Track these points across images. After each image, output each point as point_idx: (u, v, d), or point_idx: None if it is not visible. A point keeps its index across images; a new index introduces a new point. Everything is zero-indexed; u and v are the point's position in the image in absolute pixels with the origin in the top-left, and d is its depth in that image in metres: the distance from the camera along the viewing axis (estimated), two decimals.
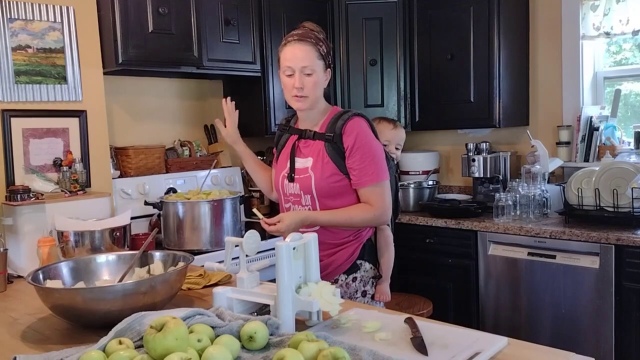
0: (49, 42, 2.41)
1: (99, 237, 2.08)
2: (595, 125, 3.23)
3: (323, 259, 1.84)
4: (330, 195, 1.87)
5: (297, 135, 1.95)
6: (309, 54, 1.84)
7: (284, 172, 1.96)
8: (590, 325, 2.63)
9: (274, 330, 1.23)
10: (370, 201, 1.86)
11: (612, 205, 2.72)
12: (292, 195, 1.93)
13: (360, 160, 1.84)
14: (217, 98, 3.44)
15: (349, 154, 1.85)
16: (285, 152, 1.99)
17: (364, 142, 1.85)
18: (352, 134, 1.84)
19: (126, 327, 1.21)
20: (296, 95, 1.86)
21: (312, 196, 1.88)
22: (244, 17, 3.06)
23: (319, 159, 1.88)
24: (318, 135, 1.90)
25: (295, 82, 1.84)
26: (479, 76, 3.28)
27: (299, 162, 1.92)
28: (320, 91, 1.90)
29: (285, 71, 1.86)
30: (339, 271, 1.94)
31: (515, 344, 1.19)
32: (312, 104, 1.89)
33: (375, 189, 1.86)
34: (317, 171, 1.87)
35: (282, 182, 1.96)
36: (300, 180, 1.90)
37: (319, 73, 1.86)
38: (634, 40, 3.25)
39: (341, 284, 1.94)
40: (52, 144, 2.44)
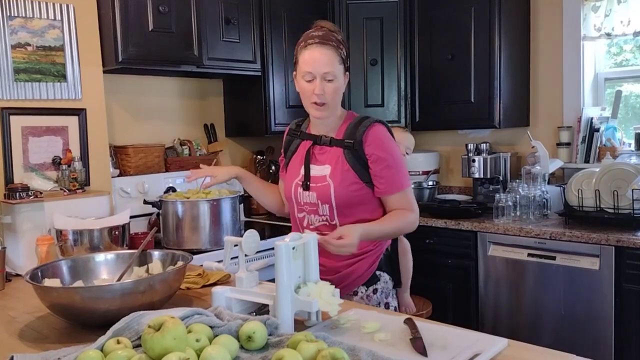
0: (48, 40, 2.40)
1: (98, 236, 2.07)
2: (596, 127, 3.22)
3: (341, 270, 1.81)
4: (349, 205, 1.77)
5: (310, 141, 1.85)
6: (331, 59, 1.73)
7: (297, 180, 1.84)
8: (590, 326, 2.63)
9: (272, 330, 1.23)
10: (403, 206, 1.79)
11: (612, 207, 2.71)
12: (308, 205, 1.82)
13: (388, 167, 1.75)
14: (217, 97, 3.43)
15: (373, 161, 1.76)
16: (297, 159, 1.88)
17: (389, 150, 1.78)
18: (375, 142, 1.76)
19: (124, 326, 1.21)
20: (315, 102, 1.75)
21: (331, 206, 1.77)
22: (245, 16, 3.06)
23: (337, 166, 1.77)
24: (336, 142, 1.80)
25: (316, 89, 1.72)
26: (479, 76, 3.28)
27: (314, 169, 1.81)
28: (340, 97, 1.80)
29: (304, 76, 1.74)
30: (358, 283, 1.83)
31: (515, 345, 1.18)
32: (332, 111, 1.80)
33: (405, 195, 1.79)
34: (337, 179, 1.76)
35: (296, 191, 1.84)
36: (317, 189, 1.79)
37: (339, 78, 1.76)
38: (635, 41, 3.25)
39: (361, 297, 1.83)
40: (51, 142, 2.43)
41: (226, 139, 3.47)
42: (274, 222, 3.27)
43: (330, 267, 1.79)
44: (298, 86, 1.80)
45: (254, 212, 3.47)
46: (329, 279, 1.71)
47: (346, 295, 1.80)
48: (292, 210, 1.90)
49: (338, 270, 1.81)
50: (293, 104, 3.33)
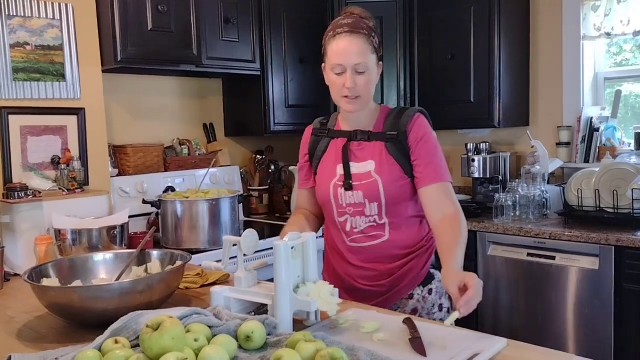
0: (47, 40, 2.40)
1: (97, 236, 2.07)
2: (596, 126, 3.22)
3: (395, 272, 1.67)
4: (398, 201, 1.65)
5: (343, 139, 1.72)
6: (362, 49, 1.59)
7: (334, 181, 1.69)
8: (590, 326, 2.62)
9: (271, 330, 1.23)
10: (445, 202, 1.61)
11: (612, 207, 2.71)
12: (352, 206, 1.67)
13: (430, 156, 1.64)
14: (216, 97, 3.43)
15: (416, 147, 1.64)
16: (330, 159, 1.74)
17: (432, 140, 1.67)
18: (419, 132, 1.65)
19: (122, 326, 1.20)
20: (347, 96, 1.62)
21: (380, 204, 1.64)
22: (244, 16, 3.05)
23: (382, 161, 1.65)
24: (376, 136, 1.68)
25: (347, 82, 1.60)
26: (479, 76, 3.27)
27: (355, 166, 1.67)
28: (373, 90, 1.68)
29: (334, 69, 1.62)
30: (414, 284, 1.69)
31: (514, 345, 1.18)
32: (365, 104, 1.67)
33: (445, 187, 1.63)
34: (385, 175, 1.64)
35: (336, 192, 1.69)
36: (363, 187, 1.65)
37: (372, 70, 1.63)
38: (635, 41, 3.25)
39: (417, 299, 1.70)
40: (50, 141, 2.43)
41: (226, 139, 3.46)
42: (273, 222, 3.27)
43: (383, 270, 1.67)
44: (327, 79, 1.68)
45: (254, 211, 3.47)
46: (382, 284, 1.67)
47: (400, 300, 1.69)
48: (329, 216, 1.75)
49: (392, 273, 1.68)
50: (292, 103, 3.33)
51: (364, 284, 1.69)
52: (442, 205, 1.60)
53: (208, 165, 2.98)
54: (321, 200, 1.75)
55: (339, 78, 1.62)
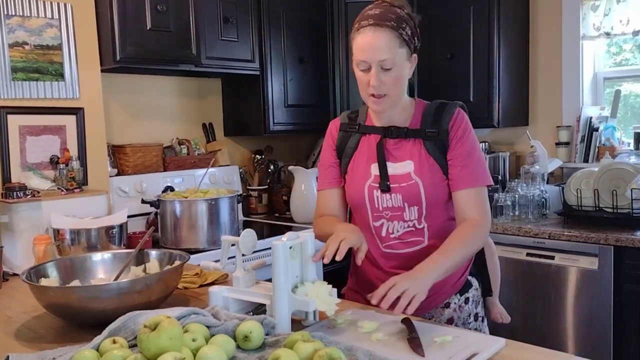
0: (46, 39, 2.39)
1: (95, 235, 2.06)
2: (595, 126, 3.22)
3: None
4: (438, 205, 1.55)
5: (376, 135, 1.60)
6: (387, 43, 1.46)
7: (369, 182, 1.57)
8: (589, 326, 2.62)
9: (269, 330, 1.22)
10: (473, 209, 1.51)
11: (611, 206, 2.71)
12: (389, 210, 1.56)
13: (468, 157, 1.53)
14: (215, 96, 3.43)
15: (455, 145, 1.53)
16: (362, 157, 1.61)
17: (472, 139, 1.56)
18: (461, 129, 1.54)
19: (120, 326, 1.20)
20: (373, 94, 1.51)
21: (420, 208, 1.53)
22: (243, 15, 3.05)
23: (422, 161, 1.54)
24: (414, 133, 1.56)
25: (372, 80, 1.48)
26: (478, 76, 3.27)
27: (392, 167, 1.56)
28: (403, 87, 1.55)
29: (359, 65, 1.51)
30: (452, 291, 1.60)
31: (513, 345, 1.18)
32: (394, 103, 1.55)
33: (479, 193, 1.53)
34: (426, 176, 1.53)
35: (371, 194, 1.57)
36: (403, 190, 1.53)
37: (401, 65, 1.49)
38: (634, 40, 3.25)
39: (454, 308, 1.61)
40: (49, 141, 2.42)
41: (225, 139, 3.46)
42: (272, 222, 3.27)
43: None
44: (356, 76, 1.56)
45: (253, 211, 3.47)
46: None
47: (435, 308, 1.59)
48: (361, 220, 1.61)
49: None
50: (292, 103, 3.32)
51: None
52: (469, 210, 1.51)
53: (207, 165, 2.98)
54: (353, 203, 1.62)
55: (364, 75, 1.51)
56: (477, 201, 1.52)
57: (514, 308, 2.86)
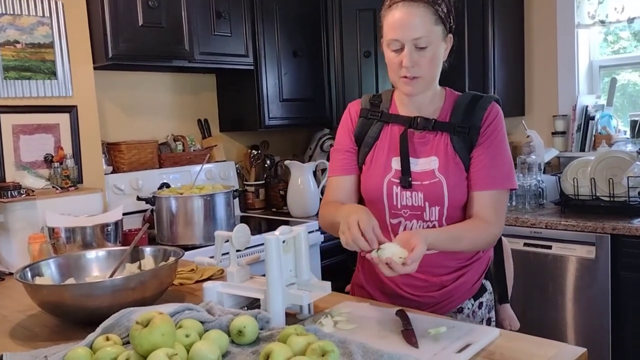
0: (37, 37, 2.38)
1: (91, 233, 2.06)
2: (591, 115, 3.22)
3: (447, 284, 1.50)
4: (459, 206, 1.46)
5: (400, 125, 1.49)
6: (423, 20, 1.36)
7: (389, 177, 1.47)
8: (587, 315, 2.62)
9: (264, 325, 1.22)
10: (488, 212, 1.42)
11: (608, 195, 2.71)
12: (408, 208, 1.46)
13: (496, 154, 1.43)
14: (210, 92, 3.42)
15: (483, 142, 1.43)
16: (383, 148, 1.50)
17: (502, 137, 1.45)
18: (492, 125, 1.44)
19: (114, 323, 1.20)
20: (405, 76, 1.40)
21: (442, 208, 1.44)
22: (236, 10, 3.03)
23: (448, 158, 1.44)
24: (441, 126, 1.46)
25: (405, 60, 1.38)
26: (473, 67, 3.26)
27: (416, 162, 1.46)
28: (438, 68, 1.44)
29: (390, 45, 1.40)
30: (466, 296, 1.53)
31: (506, 335, 1.18)
32: (427, 86, 1.45)
33: (500, 195, 1.44)
34: (450, 175, 1.43)
35: (390, 190, 1.47)
36: (425, 188, 1.44)
37: (436, 45, 1.39)
38: (630, 28, 3.23)
39: (467, 314, 1.53)
40: (42, 140, 2.41)
41: (220, 134, 3.45)
42: (270, 217, 3.26)
43: (434, 282, 1.50)
44: (385, 58, 1.45)
45: (250, 206, 3.46)
46: (431, 295, 1.50)
47: (448, 313, 1.52)
48: (377, 215, 1.40)
49: (444, 285, 1.50)
50: (287, 97, 3.31)
51: (410, 293, 1.52)
52: (485, 212, 1.43)
53: (203, 160, 2.97)
54: (369, 197, 1.51)
55: (396, 55, 1.40)
56: (494, 205, 1.43)
57: (512, 298, 2.85)
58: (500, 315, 1.63)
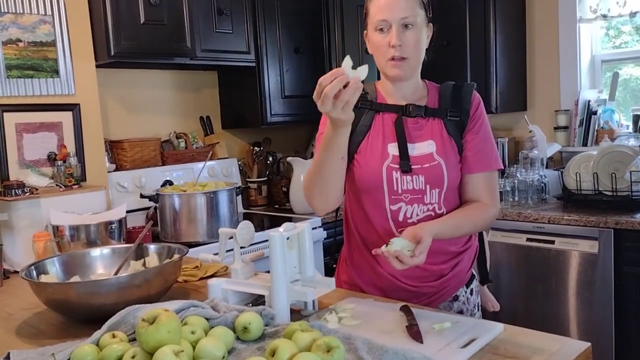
0: (40, 36, 2.39)
1: (95, 231, 2.07)
2: (593, 109, 3.21)
3: (446, 273, 1.53)
4: (455, 187, 1.52)
5: (392, 114, 1.52)
6: (409, 2, 1.45)
7: (387, 163, 1.48)
8: (590, 309, 2.63)
9: (268, 321, 1.23)
10: (484, 193, 1.50)
11: (610, 189, 2.70)
12: (409, 192, 1.48)
13: (484, 141, 1.50)
14: (212, 89, 3.42)
15: (472, 127, 1.50)
16: (377, 135, 1.51)
17: (487, 122, 1.53)
18: (479, 109, 1.52)
19: (120, 320, 1.21)
20: (393, 57, 1.44)
21: (441, 191, 1.48)
22: (237, 7, 3.03)
23: (444, 141, 1.49)
24: (433, 112, 1.51)
25: (392, 39, 1.42)
26: (475, 62, 3.26)
27: (413, 147, 1.48)
28: (422, 52, 1.50)
29: (377, 26, 1.45)
30: (460, 284, 1.58)
31: (510, 330, 1.18)
32: (414, 70, 1.50)
33: (491, 178, 1.52)
34: (448, 157, 1.48)
35: (390, 176, 1.48)
36: (426, 171, 1.47)
37: (421, 28, 1.47)
38: (632, 22, 3.23)
39: (463, 301, 1.58)
40: (45, 138, 2.42)
41: (222, 131, 3.46)
42: (272, 214, 3.27)
43: (434, 271, 1.53)
44: (370, 44, 1.50)
45: (253, 203, 3.47)
46: (431, 285, 1.53)
47: (445, 302, 1.56)
48: (375, 202, 1.51)
49: (442, 274, 1.54)
50: (288, 94, 3.32)
51: (410, 284, 1.53)
52: (481, 194, 1.50)
53: (205, 158, 2.97)
54: (368, 185, 1.51)
55: (383, 37, 1.45)
56: (489, 186, 1.52)
57: (515, 293, 2.87)
58: (482, 298, 1.69)
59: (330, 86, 1.24)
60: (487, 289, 1.73)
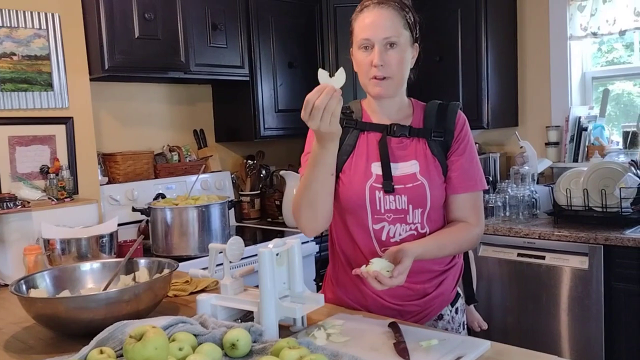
0: (34, 49, 2.40)
1: (86, 245, 2.07)
2: (584, 126, 3.24)
3: (430, 291, 1.53)
4: (439, 207, 1.51)
5: (376, 133, 1.52)
6: (393, 22, 1.44)
7: (370, 182, 1.48)
8: (581, 325, 2.64)
9: (257, 337, 1.23)
10: (470, 213, 1.50)
11: (600, 206, 2.72)
12: (392, 212, 1.48)
13: (469, 161, 1.51)
14: (206, 102, 3.43)
15: (457, 147, 1.50)
16: (361, 155, 1.52)
17: (472, 142, 1.54)
18: (465, 131, 1.52)
19: (108, 336, 1.21)
20: (375, 76, 1.44)
21: (424, 210, 1.48)
22: (232, 22, 3.06)
23: (428, 161, 1.49)
24: (417, 132, 1.50)
25: (375, 58, 1.42)
26: (467, 78, 3.29)
27: (397, 167, 1.48)
28: (406, 71, 1.49)
29: (361, 44, 1.45)
30: (445, 303, 1.57)
31: (497, 347, 1.19)
32: (396, 89, 1.49)
33: (477, 198, 1.52)
34: (431, 178, 1.47)
35: (373, 195, 1.48)
36: (409, 191, 1.46)
37: (404, 47, 1.46)
38: (622, 40, 3.27)
39: (448, 320, 1.57)
40: (38, 151, 2.43)
41: (216, 144, 3.47)
42: (265, 227, 3.27)
43: (417, 290, 1.52)
44: (355, 62, 1.50)
45: (245, 216, 3.47)
46: (415, 304, 1.53)
47: (430, 321, 1.55)
48: (358, 222, 1.51)
49: (427, 293, 1.53)
50: (282, 108, 3.34)
51: (394, 303, 1.53)
52: (467, 214, 1.50)
53: (198, 171, 2.98)
54: (351, 205, 1.50)
55: (366, 56, 1.45)
56: (474, 206, 1.51)
57: (506, 308, 2.88)
58: (469, 318, 1.68)
59: (320, 99, 1.26)
60: (474, 308, 1.72)
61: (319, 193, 1.44)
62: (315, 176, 1.41)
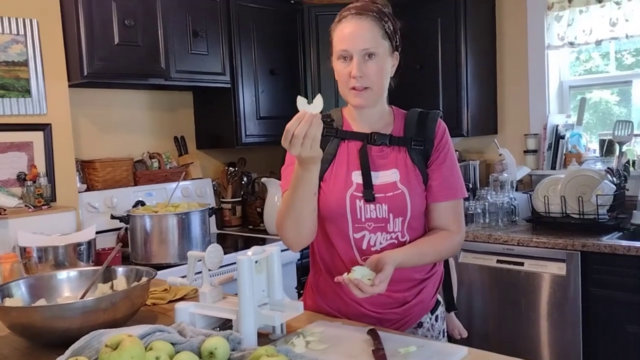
0: (12, 55, 2.37)
1: (63, 253, 2.04)
2: (562, 134, 3.29)
3: (409, 299, 1.53)
4: (419, 216, 1.52)
5: (357, 142, 1.52)
6: (371, 33, 1.44)
7: (351, 191, 1.48)
8: (559, 330, 2.66)
9: (235, 346, 1.22)
10: (450, 221, 1.51)
11: (578, 212, 2.76)
12: (373, 221, 1.48)
13: (450, 169, 1.51)
14: (187, 109, 3.42)
15: (437, 156, 1.51)
16: (342, 164, 1.52)
17: (452, 151, 1.55)
18: (445, 139, 1.53)
19: (84, 345, 1.19)
20: (354, 87, 1.45)
21: (405, 219, 1.48)
22: (213, 28, 3.06)
23: (408, 170, 1.49)
24: (397, 140, 1.51)
25: (354, 70, 1.42)
26: (447, 86, 3.32)
27: (377, 175, 1.48)
28: (386, 81, 1.50)
29: (339, 55, 1.46)
30: (425, 311, 1.57)
31: (474, 353, 1.20)
32: (376, 99, 1.49)
33: (457, 206, 1.53)
34: (411, 186, 1.48)
35: (353, 204, 1.47)
36: (389, 200, 1.47)
37: (383, 57, 1.46)
38: (598, 49, 3.33)
39: (428, 327, 1.57)
40: (15, 158, 2.40)
41: (197, 151, 3.45)
42: (246, 234, 3.26)
43: (397, 298, 1.52)
44: (335, 72, 1.51)
45: (227, 224, 3.46)
46: (395, 312, 1.53)
47: (409, 329, 1.55)
48: (339, 231, 1.51)
49: (406, 301, 1.54)
50: (264, 115, 3.33)
51: (374, 311, 1.52)
52: (448, 222, 1.52)
53: (179, 178, 2.96)
54: (331, 213, 1.50)
55: (345, 67, 1.45)
56: (455, 214, 1.53)
57: (486, 314, 2.90)
58: (449, 325, 1.69)
59: (299, 128, 1.27)
60: (455, 315, 1.72)
61: (303, 212, 1.44)
62: (298, 196, 1.41)
